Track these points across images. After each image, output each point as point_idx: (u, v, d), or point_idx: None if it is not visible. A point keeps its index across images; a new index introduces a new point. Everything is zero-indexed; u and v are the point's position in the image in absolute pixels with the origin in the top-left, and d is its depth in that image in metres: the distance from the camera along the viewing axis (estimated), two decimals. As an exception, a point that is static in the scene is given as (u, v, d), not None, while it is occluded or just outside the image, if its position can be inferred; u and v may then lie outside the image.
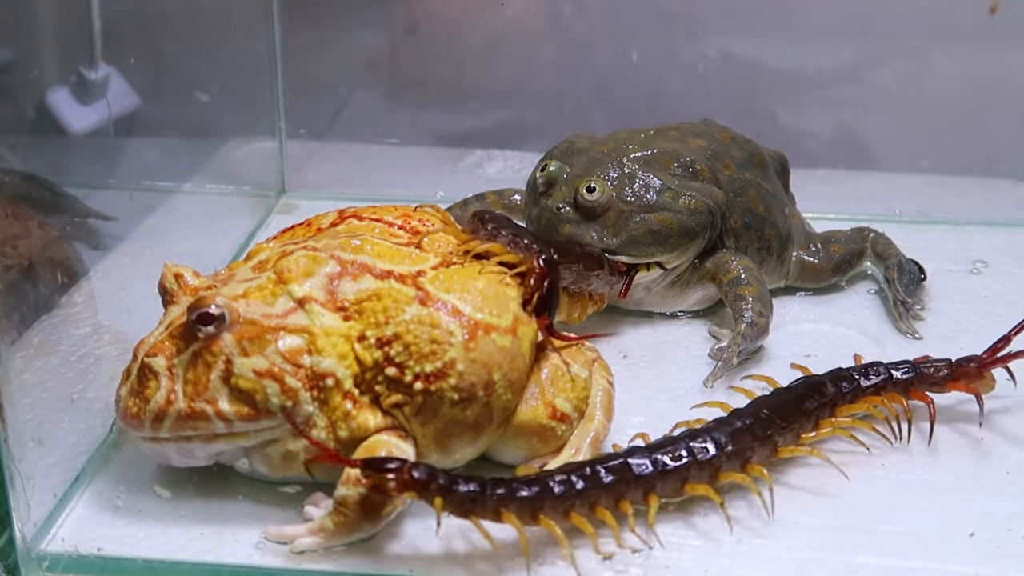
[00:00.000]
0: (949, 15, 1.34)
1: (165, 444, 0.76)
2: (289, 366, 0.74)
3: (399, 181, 1.41)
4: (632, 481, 0.74)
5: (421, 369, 0.76)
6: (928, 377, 0.87)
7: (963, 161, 1.39)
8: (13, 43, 1.01)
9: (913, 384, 0.87)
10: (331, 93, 1.47)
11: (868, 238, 1.14)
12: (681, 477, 0.76)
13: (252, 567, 0.74)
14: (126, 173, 1.13)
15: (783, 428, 0.80)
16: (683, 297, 1.06)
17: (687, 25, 1.39)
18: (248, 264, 0.81)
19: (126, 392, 0.76)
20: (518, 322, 0.80)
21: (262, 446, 0.76)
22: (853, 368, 0.87)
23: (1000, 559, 0.75)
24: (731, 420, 0.80)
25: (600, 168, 1.01)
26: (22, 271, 0.95)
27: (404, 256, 0.80)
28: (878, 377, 0.86)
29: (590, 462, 0.75)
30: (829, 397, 0.84)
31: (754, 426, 0.79)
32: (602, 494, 0.73)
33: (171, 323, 0.76)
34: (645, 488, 0.75)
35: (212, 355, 0.74)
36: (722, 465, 0.77)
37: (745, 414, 0.80)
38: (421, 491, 0.70)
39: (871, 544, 0.76)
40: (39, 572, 0.74)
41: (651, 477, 0.75)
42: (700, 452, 0.77)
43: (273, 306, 0.76)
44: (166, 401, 0.74)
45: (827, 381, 0.85)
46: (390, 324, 0.76)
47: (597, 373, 0.87)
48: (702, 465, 0.76)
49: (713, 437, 0.78)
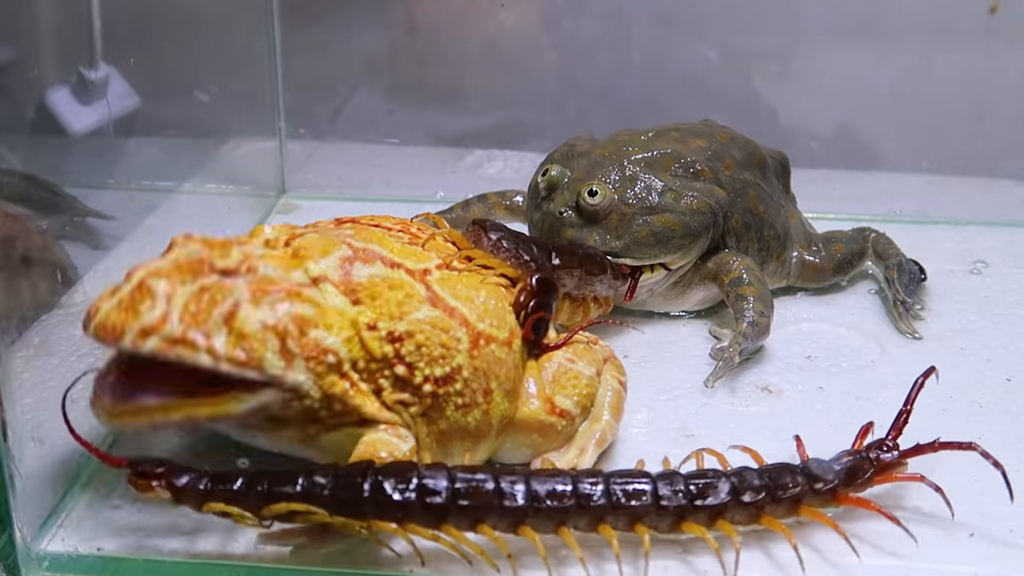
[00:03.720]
0: (949, 15, 1.34)
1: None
2: (294, 329, 0.72)
3: (399, 181, 1.41)
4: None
5: (431, 372, 0.76)
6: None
7: (963, 161, 1.39)
8: (13, 43, 1.01)
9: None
10: (331, 93, 1.47)
11: (869, 238, 1.15)
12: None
13: (252, 567, 0.74)
14: (126, 173, 1.13)
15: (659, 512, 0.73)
16: (685, 297, 1.06)
17: (687, 25, 1.39)
18: (256, 240, 0.79)
19: (110, 306, 0.71)
20: (513, 335, 0.81)
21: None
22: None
23: (1000, 559, 0.75)
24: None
25: (601, 171, 1.01)
26: (14, 271, 0.95)
27: (409, 252, 0.81)
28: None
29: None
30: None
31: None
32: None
33: (179, 256, 0.73)
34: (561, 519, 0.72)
35: (221, 293, 0.72)
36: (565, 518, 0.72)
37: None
38: (179, 496, 0.70)
39: (871, 544, 0.76)
40: (39, 572, 0.74)
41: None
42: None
43: (289, 276, 0.75)
44: (159, 319, 0.70)
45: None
46: (404, 320, 0.76)
47: (608, 372, 0.87)
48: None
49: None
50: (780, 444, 0.84)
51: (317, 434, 0.75)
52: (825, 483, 0.75)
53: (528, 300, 0.83)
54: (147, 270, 0.72)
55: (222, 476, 0.71)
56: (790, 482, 0.75)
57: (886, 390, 0.95)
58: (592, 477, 0.73)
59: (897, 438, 0.79)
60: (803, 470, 0.76)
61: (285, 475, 0.71)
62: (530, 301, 0.83)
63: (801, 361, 1.00)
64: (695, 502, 0.73)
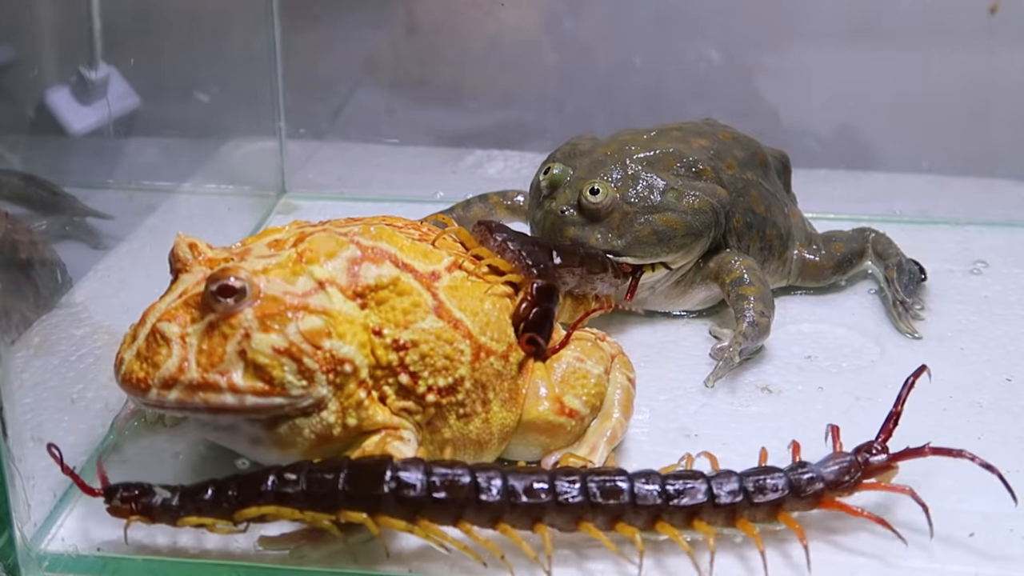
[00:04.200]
0: (949, 15, 1.34)
1: (168, 410, 0.75)
2: (308, 346, 0.73)
3: (399, 181, 1.41)
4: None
5: (435, 382, 0.76)
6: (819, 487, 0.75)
7: (963, 161, 1.38)
8: (13, 43, 1.01)
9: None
10: (331, 93, 1.47)
11: (869, 238, 1.15)
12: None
13: (252, 567, 0.74)
14: (126, 173, 1.13)
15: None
16: (686, 297, 1.06)
17: (687, 25, 1.39)
18: (263, 241, 0.79)
19: (131, 356, 0.73)
20: (511, 348, 0.81)
21: (269, 423, 0.75)
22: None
23: (1000, 559, 0.75)
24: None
25: (603, 170, 1.01)
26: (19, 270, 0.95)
27: (420, 251, 0.80)
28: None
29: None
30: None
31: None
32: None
33: (185, 291, 0.74)
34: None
35: (230, 327, 0.72)
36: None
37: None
38: (154, 516, 0.71)
39: (871, 544, 0.76)
40: (39, 572, 0.74)
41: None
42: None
43: (294, 285, 0.74)
44: (178, 369, 0.72)
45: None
46: (409, 329, 0.76)
47: (616, 370, 0.87)
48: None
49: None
50: (780, 444, 0.84)
51: (328, 452, 0.75)
52: (809, 488, 0.74)
53: (528, 311, 0.82)
54: (158, 314, 0.74)
55: (192, 490, 0.71)
56: (771, 486, 0.73)
57: (886, 390, 0.95)
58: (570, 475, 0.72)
59: (887, 440, 0.77)
60: (786, 474, 0.74)
61: (253, 478, 0.71)
62: (529, 312, 0.82)
63: (801, 361, 1.00)
64: (670, 502, 0.72)
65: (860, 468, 0.75)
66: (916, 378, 0.80)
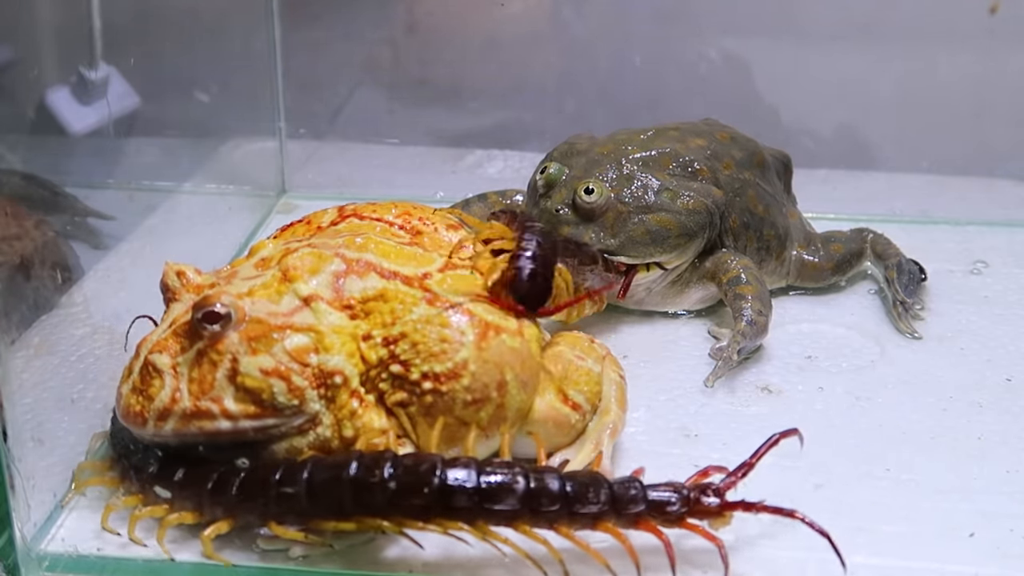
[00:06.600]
0: (949, 15, 1.34)
1: (167, 440, 0.76)
2: (296, 365, 0.73)
3: (399, 181, 1.41)
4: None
5: (430, 368, 0.75)
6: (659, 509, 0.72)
7: (963, 161, 1.38)
8: (13, 43, 1.01)
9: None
10: (331, 93, 1.47)
11: (867, 238, 1.15)
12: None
13: (252, 567, 0.74)
14: (126, 173, 1.13)
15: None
16: (683, 297, 1.06)
17: (688, 25, 1.39)
18: (250, 261, 0.80)
19: (128, 390, 0.75)
20: (523, 325, 0.80)
21: (267, 444, 0.75)
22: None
23: (1000, 559, 0.75)
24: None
25: (599, 169, 1.01)
26: (18, 269, 0.95)
27: (409, 257, 0.80)
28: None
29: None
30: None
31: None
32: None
33: (174, 321, 0.76)
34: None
35: (218, 353, 0.73)
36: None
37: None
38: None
39: (871, 544, 0.76)
40: (39, 572, 0.74)
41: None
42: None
43: (279, 304, 0.75)
44: (171, 400, 0.73)
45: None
46: (396, 324, 0.76)
47: (608, 367, 0.87)
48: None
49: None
50: (780, 444, 0.84)
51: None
52: (628, 508, 0.70)
53: (513, 263, 0.81)
54: (149, 346, 0.75)
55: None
56: (592, 497, 0.70)
57: (886, 390, 0.95)
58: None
59: (729, 488, 0.72)
60: (609, 488, 0.71)
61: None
62: (515, 261, 0.81)
63: (801, 361, 1.00)
64: (484, 504, 0.70)
65: (686, 504, 0.71)
66: (783, 437, 0.75)
